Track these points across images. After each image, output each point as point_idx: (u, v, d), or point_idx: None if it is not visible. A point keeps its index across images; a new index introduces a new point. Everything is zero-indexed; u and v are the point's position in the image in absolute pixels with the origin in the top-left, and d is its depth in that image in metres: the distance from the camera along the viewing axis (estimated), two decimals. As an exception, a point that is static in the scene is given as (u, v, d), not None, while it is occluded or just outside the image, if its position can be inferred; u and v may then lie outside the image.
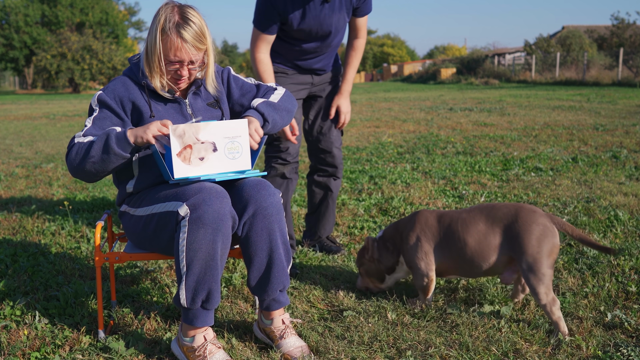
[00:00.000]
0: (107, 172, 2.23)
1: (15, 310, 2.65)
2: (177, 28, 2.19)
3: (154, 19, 2.24)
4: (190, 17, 2.22)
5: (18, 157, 7.76)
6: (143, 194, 2.32)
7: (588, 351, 2.22)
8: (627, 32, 31.35)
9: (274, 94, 2.49)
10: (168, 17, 2.21)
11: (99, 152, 2.15)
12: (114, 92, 2.31)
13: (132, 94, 2.31)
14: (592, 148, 7.12)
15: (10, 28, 40.94)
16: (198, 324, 2.16)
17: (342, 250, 3.45)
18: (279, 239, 2.23)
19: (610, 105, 13.45)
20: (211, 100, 2.44)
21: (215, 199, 2.08)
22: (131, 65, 2.39)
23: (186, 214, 2.06)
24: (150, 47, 2.24)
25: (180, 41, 2.20)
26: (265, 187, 2.23)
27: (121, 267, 3.28)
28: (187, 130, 2.13)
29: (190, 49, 2.22)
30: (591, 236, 3.59)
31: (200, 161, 2.16)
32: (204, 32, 2.25)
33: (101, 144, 2.15)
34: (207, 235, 2.06)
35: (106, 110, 2.29)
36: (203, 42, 2.25)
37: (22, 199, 5.08)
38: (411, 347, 2.28)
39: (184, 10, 2.24)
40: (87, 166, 2.18)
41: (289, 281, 2.30)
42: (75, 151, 2.20)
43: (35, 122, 13.25)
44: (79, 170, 2.21)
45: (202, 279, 2.10)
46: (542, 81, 28.05)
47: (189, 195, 2.10)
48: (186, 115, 2.36)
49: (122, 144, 2.14)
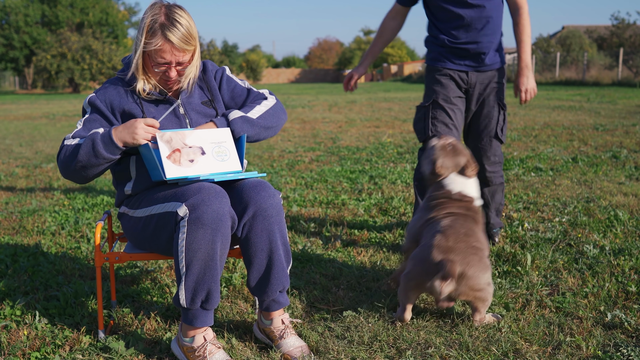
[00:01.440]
0: (98, 174, 2.25)
1: (16, 310, 2.65)
2: (162, 29, 2.17)
3: (141, 21, 2.22)
4: (177, 18, 2.19)
5: (18, 157, 7.76)
6: (142, 195, 2.31)
7: (588, 351, 2.22)
8: (627, 32, 31.33)
9: (260, 104, 2.42)
10: (154, 17, 2.19)
11: (86, 156, 2.17)
12: (104, 95, 2.31)
13: (123, 97, 2.31)
14: (592, 148, 7.12)
15: (10, 28, 40.90)
16: (198, 324, 2.16)
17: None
18: (279, 240, 2.23)
19: (610, 105, 13.45)
20: (205, 99, 2.43)
21: (215, 199, 2.07)
22: (124, 66, 2.38)
23: (185, 215, 2.06)
24: (139, 48, 2.22)
25: (167, 43, 2.17)
26: (265, 189, 2.23)
27: (121, 267, 3.28)
28: (173, 136, 2.16)
29: (176, 51, 2.19)
30: (591, 236, 3.59)
31: (191, 163, 2.18)
32: (192, 32, 2.22)
33: (88, 148, 2.16)
34: (206, 236, 2.05)
35: (96, 114, 2.30)
36: (190, 43, 2.22)
37: (22, 199, 5.08)
38: (411, 347, 2.28)
39: (171, 10, 2.21)
40: (77, 169, 2.20)
41: (288, 282, 2.30)
42: (64, 153, 2.23)
43: (35, 122, 13.25)
44: (68, 173, 2.24)
45: (201, 279, 2.10)
46: (542, 81, 28.04)
47: (188, 196, 2.10)
48: (179, 115, 2.34)
49: (110, 148, 2.15)
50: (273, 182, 5.58)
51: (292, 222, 4.09)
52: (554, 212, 4.19)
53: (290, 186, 5.35)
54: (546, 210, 4.24)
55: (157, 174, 2.22)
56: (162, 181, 2.27)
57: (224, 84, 2.47)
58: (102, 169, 2.23)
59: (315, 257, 3.37)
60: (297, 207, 4.52)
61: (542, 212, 4.20)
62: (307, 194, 5.01)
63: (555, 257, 3.23)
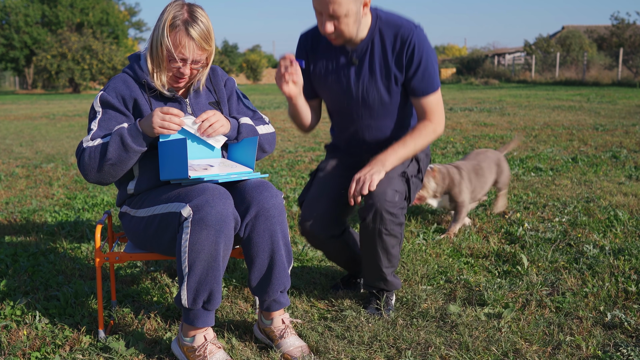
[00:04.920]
0: (124, 171, 2.24)
1: (16, 310, 2.65)
2: (185, 25, 2.19)
3: (161, 16, 2.22)
4: (198, 17, 2.21)
5: (18, 157, 7.76)
6: (144, 195, 2.31)
7: (588, 351, 2.22)
8: (627, 32, 31.33)
9: (263, 127, 2.49)
10: (176, 14, 2.20)
11: (115, 152, 2.16)
12: (115, 91, 2.29)
13: (134, 91, 2.30)
14: (592, 148, 7.12)
15: (10, 28, 40.90)
16: (199, 325, 2.16)
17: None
18: (281, 240, 2.23)
19: (610, 105, 13.45)
20: (212, 100, 2.44)
21: (219, 200, 2.08)
22: (131, 63, 2.37)
23: (189, 215, 2.06)
24: (156, 43, 2.23)
25: (188, 39, 2.19)
26: (268, 189, 2.23)
27: (121, 267, 3.28)
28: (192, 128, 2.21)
29: (196, 48, 2.21)
30: (591, 236, 3.59)
31: (205, 170, 2.20)
32: (211, 33, 2.25)
33: (117, 144, 2.16)
34: (210, 237, 2.05)
35: (110, 111, 2.28)
36: (209, 43, 2.24)
37: (22, 199, 5.08)
38: (411, 347, 2.28)
39: (193, 9, 2.23)
40: (105, 168, 2.19)
41: (289, 282, 2.30)
42: (88, 155, 2.19)
43: (36, 122, 13.25)
44: (96, 174, 2.21)
45: (204, 279, 2.10)
46: (542, 81, 28.05)
47: (191, 197, 2.10)
48: (186, 115, 2.36)
49: (138, 140, 2.17)
50: (273, 182, 5.58)
51: (292, 222, 4.10)
52: (554, 212, 4.19)
53: (291, 186, 5.35)
54: (546, 210, 4.24)
55: (168, 172, 2.21)
56: (166, 181, 2.27)
57: (233, 98, 2.50)
58: (130, 165, 2.22)
59: (315, 257, 3.37)
60: (297, 207, 4.52)
61: (542, 212, 4.20)
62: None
63: (555, 257, 3.23)
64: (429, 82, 2.54)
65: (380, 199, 2.41)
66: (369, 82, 2.55)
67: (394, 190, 2.45)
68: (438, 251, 3.41)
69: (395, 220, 2.45)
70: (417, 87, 2.54)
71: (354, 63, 2.55)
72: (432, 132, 2.57)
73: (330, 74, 2.61)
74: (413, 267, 3.12)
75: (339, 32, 2.42)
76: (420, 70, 2.51)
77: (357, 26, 2.44)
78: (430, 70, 2.53)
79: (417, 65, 2.50)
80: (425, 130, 2.56)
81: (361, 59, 2.54)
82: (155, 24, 2.26)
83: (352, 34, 2.45)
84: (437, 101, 2.59)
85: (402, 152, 2.52)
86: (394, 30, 2.51)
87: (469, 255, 3.37)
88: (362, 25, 2.48)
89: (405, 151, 2.53)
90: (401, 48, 2.50)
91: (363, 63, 2.54)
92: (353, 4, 2.36)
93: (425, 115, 2.58)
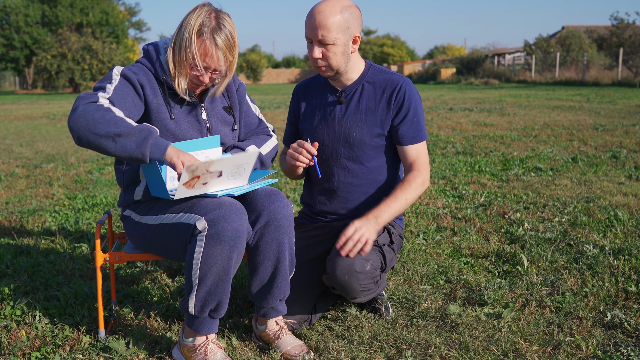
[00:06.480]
0: (100, 153, 2.09)
1: (16, 310, 2.65)
2: (213, 33, 2.14)
3: (188, 18, 2.16)
4: (226, 25, 2.17)
5: (18, 157, 7.76)
6: (152, 202, 2.28)
7: (588, 351, 2.22)
8: (627, 32, 31.34)
9: (267, 143, 2.49)
10: (205, 20, 2.15)
11: (133, 143, 2.01)
12: (137, 76, 2.21)
13: (154, 87, 2.24)
14: (592, 148, 7.12)
15: (10, 28, 40.88)
16: (203, 332, 2.15)
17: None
18: (287, 250, 2.24)
19: (610, 105, 13.45)
20: (226, 104, 2.42)
21: (235, 215, 2.06)
22: (149, 58, 2.29)
23: (204, 229, 2.03)
24: (182, 47, 2.17)
25: (214, 48, 2.15)
26: (279, 198, 2.23)
27: (121, 267, 3.28)
28: (200, 167, 2.04)
29: (221, 58, 2.17)
30: (591, 236, 3.59)
31: (203, 185, 2.12)
32: (236, 42, 2.21)
33: (139, 138, 2.01)
34: (224, 252, 2.04)
35: (128, 86, 2.18)
36: (233, 53, 2.21)
37: (22, 199, 5.08)
38: (411, 347, 2.28)
39: (221, 16, 2.18)
40: (103, 137, 2.00)
41: (289, 291, 2.30)
42: (95, 109, 2.03)
43: (36, 122, 13.25)
44: (84, 131, 2.01)
45: (213, 291, 2.09)
46: (542, 81, 28.05)
47: (207, 210, 2.07)
48: (200, 120, 2.32)
49: (156, 153, 2.03)
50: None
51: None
52: (554, 212, 4.19)
53: (290, 186, 5.35)
54: (546, 210, 4.24)
55: (157, 191, 2.17)
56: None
57: (243, 104, 2.49)
58: (115, 155, 2.04)
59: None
60: (297, 207, 4.52)
61: (542, 212, 4.20)
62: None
63: (555, 257, 3.23)
64: (418, 130, 2.52)
65: (349, 269, 2.30)
66: (352, 120, 2.54)
67: (363, 260, 2.34)
68: (438, 251, 3.42)
69: (365, 288, 2.37)
70: (405, 133, 2.51)
71: (341, 102, 2.56)
72: (421, 185, 2.49)
73: (318, 110, 2.62)
74: (413, 267, 3.12)
75: (326, 60, 2.43)
76: (409, 116, 2.50)
77: (345, 60, 2.45)
78: (419, 118, 2.53)
79: (407, 110, 2.50)
80: (414, 182, 2.48)
81: (349, 99, 2.56)
82: (181, 25, 2.19)
83: (340, 66, 2.46)
84: (425, 152, 2.55)
85: (395, 207, 2.43)
86: (385, 77, 2.55)
87: (469, 255, 3.37)
88: (352, 65, 2.51)
89: (398, 205, 2.44)
90: (391, 93, 2.51)
91: (350, 102, 2.55)
92: (342, 34, 2.38)
93: (413, 166, 2.52)
